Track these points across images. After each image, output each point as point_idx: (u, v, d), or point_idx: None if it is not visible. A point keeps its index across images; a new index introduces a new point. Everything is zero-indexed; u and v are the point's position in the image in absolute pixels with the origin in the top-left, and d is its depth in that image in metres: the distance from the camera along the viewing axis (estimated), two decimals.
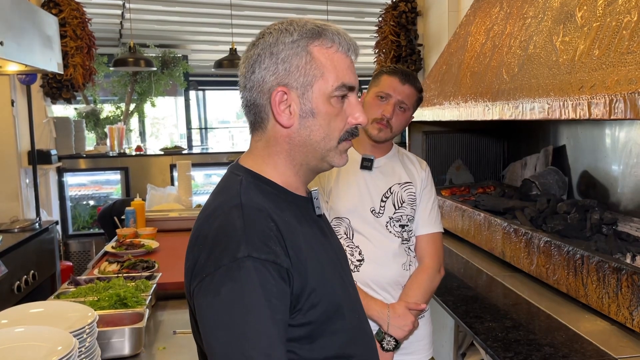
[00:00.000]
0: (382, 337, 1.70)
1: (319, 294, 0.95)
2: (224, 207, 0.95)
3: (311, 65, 0.97)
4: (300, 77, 0.97)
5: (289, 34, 0.98)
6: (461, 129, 3.67)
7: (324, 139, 0.99)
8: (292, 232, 0.96)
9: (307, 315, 0.94)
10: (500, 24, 2.69)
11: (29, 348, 1.24)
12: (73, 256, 5.01)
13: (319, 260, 0.99)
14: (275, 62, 0.97)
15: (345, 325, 1.01)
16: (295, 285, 0.92)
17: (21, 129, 4.10)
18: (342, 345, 1.00)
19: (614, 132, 2.63)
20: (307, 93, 0.97)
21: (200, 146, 6.50)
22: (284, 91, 0.97)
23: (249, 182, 1.00)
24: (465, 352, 2.33)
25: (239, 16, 5.36)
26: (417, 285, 1.78)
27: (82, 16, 4.60)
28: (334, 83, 0.97)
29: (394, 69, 1.80)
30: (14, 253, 3.10)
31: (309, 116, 0.98)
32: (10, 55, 2.45)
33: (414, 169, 1.88)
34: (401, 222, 1.82)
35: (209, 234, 0.93)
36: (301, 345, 0.94)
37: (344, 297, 1.03)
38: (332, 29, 0.99)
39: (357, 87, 1.02)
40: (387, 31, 5.11)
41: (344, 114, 1.00)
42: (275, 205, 0.97)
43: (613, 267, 1.74)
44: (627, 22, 1.63)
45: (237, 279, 0.86)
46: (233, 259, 0.88)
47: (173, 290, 2.22)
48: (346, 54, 1.00)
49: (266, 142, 1.02)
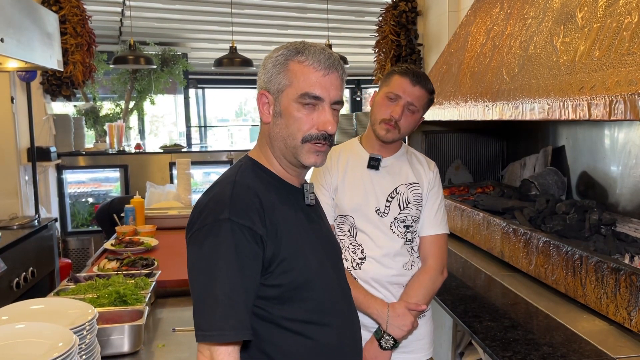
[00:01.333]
0: (381, 335, 1.71)
1: (290, 263, 1.16)
2: (222, 182, 1.20)
3: (284, 75, 1.18)
4: (276, 84, 1.19)
5: (278, 50, 1.21)
6: (460, 128, 3.68)
7: (289, 137, 1.19)
8: (273, 209, 1.17)
9: (278, 278, 1.15)
10: (500, 24, 2.69)
11: (30, 344, 1.25)
12: (72, 253, 5.01)
13: (295, 238, 1.19)
14: (264, 71, 1.22)
15: (314, 296, 1.21)
16: (267, 250, 1.13)
17: (21, 126, 4.09)
18: (311, 313, 1.20)
19: (613, 133, 2.63)
20: (279, 97, 1.19)
21: (200, 144, 6.49)
22: (264, 94, 1.21)
23: (248, 166, 1.24)
24: (464, 352, 2.34)
25: (239, 14, 5.36)
26: (419, 286, 1.78)
27: (83, 13, 4.59)
28: (299, 91, 1.17)
29: (405, 70, 1.78)
30: (13, 250, 3.10)
31: (278, 116, 1.20)
32: (10, 52, 2.44)
33: (421, 169, 1.87)
34: (406, 223, 1.81)
35: (205, 200, 1.17)
36: (272, 304, 1.16)
37: (317, 274, 1.22)
38: (315, 49, 1.19)
39: (329, 99, 1.18)
40: (387, 30, 5.11)
41: (311, 120, 1.18)
42: (264, 187, 1.19)
43: (611, 267, 1.74)
44: (627, 23, 1.63)
45: (217, 234, 1.09)
46: (216, 219, 1.11)
47: (172, 287, 2.23)
48: (316, 69, 1.17)
49: (261, 135, 1.27)
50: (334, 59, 1.20)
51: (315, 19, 5.60)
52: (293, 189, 1.27)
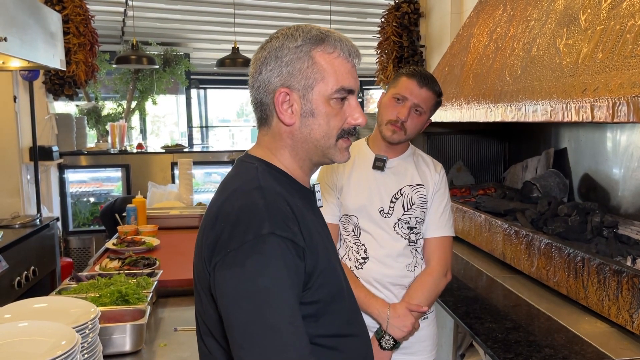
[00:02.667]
0: (381, 335, 1.70)
1: (326, 275, 1.04)
2: (244, 189, 1.02)
3: (312, 69, 1.04)
4: (302, 80, 1.04)
5: (294, 39, 1.05)
6: (463, 130, 3.68)
7: (323, 137, 1.06)
8: (304, 216, 1.04)
9: (315, 293, 1.01)
10: (503, 26, 2.69)
11: (33, 343, 1.25)
12: (73, 253, 5.02)
13: (324, 245, 1.08)
14: (279, 65, 1.05)
15: (344, 306, 1.11)
16: (308, 264, 0.99)
17: (23, 125, 4.10)
18: (342, 325, 1.10)
19: (615, 135, 2.63)
20: (308, 94, 1.05)
21: (201, 144, 6.50)
22: (286, 92, 1.05)
23: (264, 169, 1.08)
24: (465, 353, 2.33)
25: (241, 15, 5.37)
26: (421, 287, 1.77)
27: (85, 13, 4.60)
28: (334, 86, 1.04)
29: (413, 72, 1.77)
30: (15, 249, 3.11)
31: (309, 116, 1.05)
32: (13, 51, 2.45)
33: (427, 171, 1.86)
34: (410, 224, 1.81)
35: (232, 212, 0.99)
36: (308, 323, 1.00)
37: (344, 282, 1.13)
38: (335, 36, 1.07)
39: (357, 90, 1.09)
40: (390, 32, 5.11)
41: (342, 115, 1.07)
42: (287, 192, 1.05)
43: (613, 269, 1.74)
44: (631, 25, 1.63)
45: (262, 252, 0.93)
46: (258, 234, 0.94)
47: (174, 287, 2.23)
48: (347, 59, 1.07)
49: (272, 136, 1.10)
50: (356, 47, 1.09)
51: (317, 20, 5.60)
52: (307, 191, 1.15)
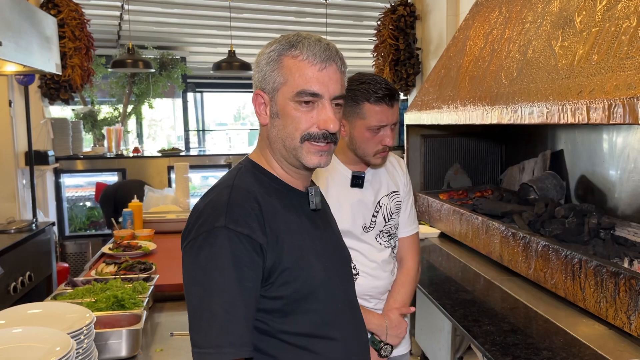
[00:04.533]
0: (379, 345, 1.72)
1: (292, 273, 1.08)
2: (219, 187, 1.12)
3: (278, 72, 1.09)
4: (270, 83, 1.10)
5: (271, 45, 1.12)
6: (459, 132, 3.68)
7: (287, 138, 1.11)
8: (274, 215, 1.09)
9: (279, 290, 1.07)
10: (499, 29, 2.69)
11: (27, 349, 1.24)
12: (69, 257, 4.99)
13: (299, 245, 1.11)
14: (257, 69, 1.13)
15: (319, 308, 1.12)
16: (268, 259, 1.05)
17: (18, 129, 4.09)
18: (315, 326, 1.12)
19: (611, 137, 2.64)
20: (275, 97, 1.11)
21: (198, 148, 6.50)
22: (260, 94, 1.13)
23: (247, 169, 1.15)
24: (462, 356, 2.33)
25: (237, 19, 5.37)
26: (404, 290, 1.80)
27: (81, 17, 4.60)
28: (294, 89, 1.08)
29: (376, 97, 1.61)
30: (10, 254, 3.09)
31: (276, 117, 1.11)
32: (9, 55, 2.44)
33: (396, 174, 1.85)
34: (390, 232, 1.82)
35: (200, 206, 1.09)
36: (274, 317, 1.08)
37: (323, 284, 1.13)
38: (309, 40, 1.09)
39: (329, 95, 1.09)
40: (386, 35, 5.12)
41: (310, 118, 1.09)
42: (265, 191, 1.11)
43: (611, 271, 1.74)
44: (626, 27, 1.63)
45: (213, 244, 1.02)
46: (212, 227, 1.03)
47: (170, 292, 2.22)
48: (312, 63, 1.08)
49: (260, 137, 1.19)
50: (330, 50, 1.09)
51: (313, 23, 5.61)
52: (297, 193, 1.18)
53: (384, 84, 1.64)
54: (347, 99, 1.63)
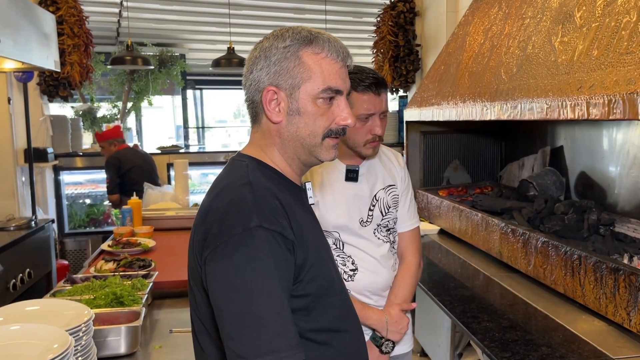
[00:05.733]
0: (381, 342, 1.70)
1: (316, 269, 1.06)
2: (233, 185, 1.05)
3: (300, 68, 1.07)
4: (289, 79, 1.07)
5: (283, 40, 1.09)
6: (459, 129, 3.67)
7: (309, 136, 1.09)
8: (293, 211, 1.07)
9: (306, 287, 1.04)
10: (498, 24, 2.69)
11: (25, 346, 1.24)
12: (69, 255, 5.00)
13: (314, 240, 1.11)
14: (268, 64, 1.08)
15: (336, 301, 1.13)
16: (298, 257, 1.02)
17: (17, 126, 4.08)
18: (334, 320, 1.12)
19: (611, 133, 2.63)
20: (295, 93, 1.07)
21: (197, 145, 6.49)
22: (274, 90, 1.08)
23: (254, 166, 1.11)
24: (462, 353, 2.33)
25: (236, 15, 5.36)
26: (405, 285, 1.78)
27: (80, 14, 4.58)
28: (320, 86, 1.07)
29: (362, 86, 1.62)
30: (10, 251, 3.09)
31: (295, 114, 1.08)
32: (7, 52, 2.43)
33: (393, 167, 1.83)
34: (388, 227, 1.80)
35: (221, 207, 1.02)
36: (299, 316, 1.03)
37: (335, 276, 1.16)
38: (324, 37, 1.09)
39: (346, 91, 1.11)
40: (385, 31, 5.11)
41: (330, 115, 1.09)
42: (277, 188, 1.08)
43: (610, 267, 1.74)
44: (626, 22, 1.63)
45: (250, 244, 0.96)
46: (246, 227, 0.97)
47: (169, 289, 2.22)
48: (335, 60, 1.08)
49: (262, 134, 1.14)
50: (346, 48, 1.11)
51: (313, 19, 5.60)
52: (299, 188, 1.18)
53: (371, 73, 1.66)
54: None
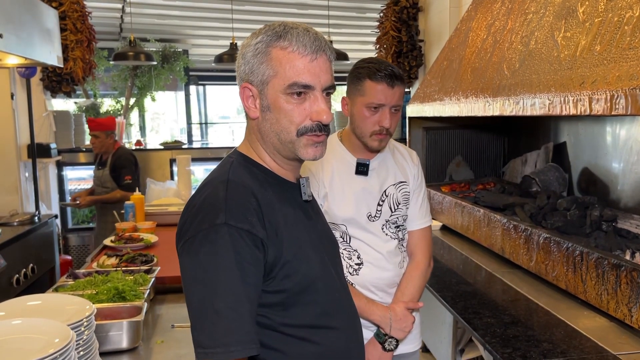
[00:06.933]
0: (384, 338, 1.70)
1: (294, 265, 1.07)
2: (213, 182, 1.09)
3: (267, 65, 1.06)
4: (259, 75, 1.08)
5: (256, 36, 1.09)
6: (462, 125, 3.67)
7: (282, 132, 1.08)
8: (272, 209, 1.07)
9: (281, 283, 1.06)
10: (501, 20, 2.68)
11: (26, 340, 1.24)
12: (72, 250, 5.02)
13: (297, 237, 1.10)
14: (244, 62, 1.10)
15: (319, 298, 1.12)
16: (269, 254, 1.04)
17: (21, 122, 4.09)
18: (316, 316, 1.12)
19: (614, 129, 2.62)
20: (264, 90, 1.08)
21: (201, 141, 6.49)
22: (248, 87, 1.10)
23: (239, 162, 1.13)
24: (464, 348, 2.33)
25: (239, 11, 5.35)
26: (413, 283, 1.76)
27: (83, 9, 4.58)
28: (286, 81, 1.05)
29: (376, 72, 1.63)
30: (13, 246, 3.11)
31: (267, 110, 1.09)
32: (10, 48, 2.44)
33: (406, 165, 1.83)
34: (397, 224, 1.79)
35: (197, 203, 1.06)
36: (275, 311, 1.07)
37: (321, 274, 1.14)
38: (296, 31, 1.06)
39: (321, 86, 1.07)
40: (388, 27, 5.10)
41: (302, 110, 1.07)
42: (260, 185, 1.09)
43: (612, 263, 1.73)
44: (629, 17, 1.62)
45: (214, 242, 0.99)
46: (212, 224, 1.00)
47: (171, 284, 2.22)
48: (302, 54, 1.05)
49: (248, 130, 1.17)
50: (320, 40, 1.07)
51: (316, 15, 5.58)
52: (289, 184, 1.17)
53: (390, 66, 1.66)
54: (351, 77, 1.69)
